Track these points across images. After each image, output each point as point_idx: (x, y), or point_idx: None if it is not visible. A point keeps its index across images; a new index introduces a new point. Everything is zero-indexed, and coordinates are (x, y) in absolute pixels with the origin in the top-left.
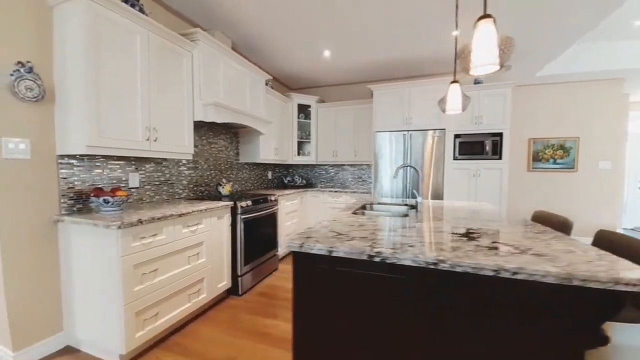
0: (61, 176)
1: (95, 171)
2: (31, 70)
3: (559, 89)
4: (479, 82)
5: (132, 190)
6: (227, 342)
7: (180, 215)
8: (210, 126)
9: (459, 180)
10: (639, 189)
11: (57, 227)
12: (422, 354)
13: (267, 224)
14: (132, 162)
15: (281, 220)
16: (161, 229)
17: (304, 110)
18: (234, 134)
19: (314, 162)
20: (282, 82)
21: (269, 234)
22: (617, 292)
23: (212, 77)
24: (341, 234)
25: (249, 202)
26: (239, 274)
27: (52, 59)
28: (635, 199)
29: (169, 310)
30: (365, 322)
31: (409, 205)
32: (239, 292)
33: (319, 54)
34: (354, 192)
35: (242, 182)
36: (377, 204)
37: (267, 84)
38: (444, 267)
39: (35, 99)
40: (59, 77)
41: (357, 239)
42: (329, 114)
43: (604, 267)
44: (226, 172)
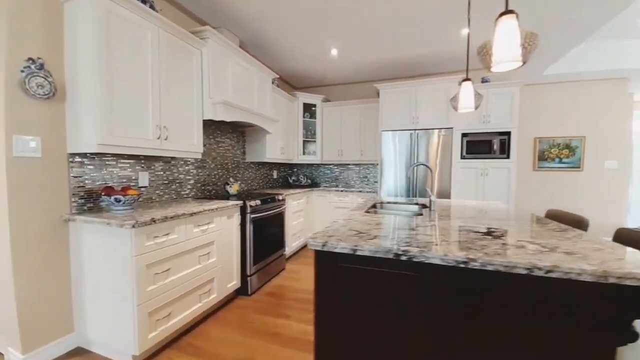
0: (72, 175)
1: (105, 170)
2: (42, 66)
3: (564, 88)
4: (486, 81)
5: (142, 189)
6: (239, 343)
7: (192, 214)
8: (217, 125)
9: (466, 179)
10: None
11: (67, 226)
12: (450, 354)
13: (275, 223)
14: (142, 161)
15: (288, 219)
16: (173, 228)
17: (309, 109)
18: (240, 133)
19: (319, 162)
20: (287, 81)
21: (276, 234)
22: None
23: (220, 76)
24: (362, 233)
25: (258, 202)
26: (248, 273)
27: (62, 56)
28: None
29: (181, 310)
30: (389, 321)
31: (420, 204)
32: (248, 292)
33: (325, 53)
34: (360, 192)
35: (248, 182)
36: (387, 203)
37: (273, 83)
38: (474, 265)
39: (46, 96)
40: (70, 74)
41: (379, 237)
42: (335, 113)
43: (637, 264)
44: (233, 172)
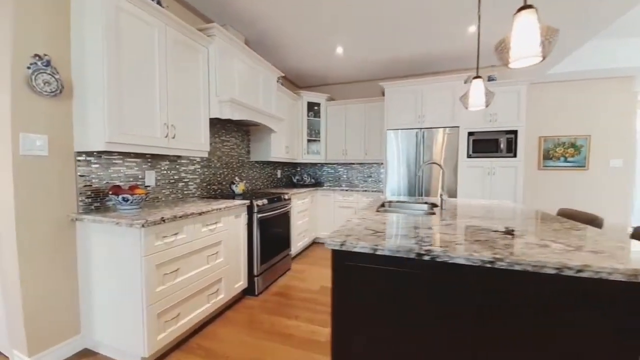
0: (79, 173)
1: (112, 169)
2: (49, 63)
3: (569, 86)
4: (493, 79)
5: (148, 188)
6: (249, 344)
7: (200, 213)
8: (222, 124)
9: (472, 178)
10: None
11: (74, 226)
12: (472, 355)
13: (281, 223)
14: (148, 159)
15: (293, 219)
16: (182, 228)
17: (312, 108)
18: (245, 131)
19: (324, 161)
20: (290, 80)
21: (282, 234)
22: None
23: (227, 74)
24: (378, 232)
25: (265, 201)
26: (255, 273)
27: (69, 53)
28: None
29: (189, 311)
30: (409, 321)
31: (429, 203)
32: (255, 293)
33: (331, 51)
34: (365, 191)
35: (253, 181)
36: (395, 202)
37: (278, 81)
38: (500, 265)
39: (53, 93)
40: (77, 71)
41: (397, 236)
42: (339, 112)
43: None
44: (238, 171)
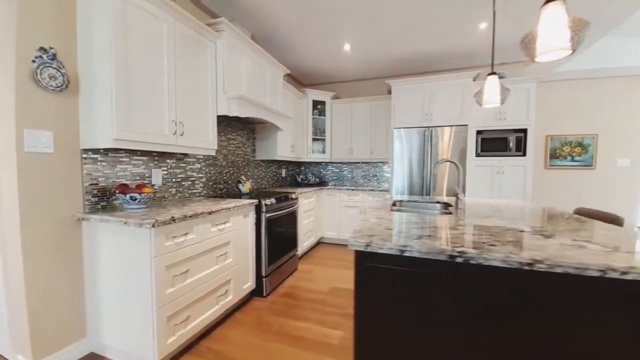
0: (85, 171)
1: (118, 167)
2: (54, 57)
3: (576, 85)
4: (502, 77)
5: (155, 187)
6: (260, 347)
7: (210, 212)
8: (228, 122)
9: (481, 177)
10: None
11: (80, 225)
12: None
13: (288, 222)
14: (155, 157)
15: (300, 218)
16: (192, 228)
17: (317, 106)
18: (250, 130)
19: (329, 160)
20: (294, 78)
21: (290, 233)
22: None
23: (235, 70)
24: (401, 232)
25: (273, 200)
26: (263, 274)
27: (75, 46)
28: None
29: (199, 313)
30: (438, 326)
31: (441, 203)
32: (263, 294)
33: (338, 48)
34: (371, 190)
35: (258, 180)
36: (406, 202)
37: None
38: (540, 267)
39: (59, 88)
40: (83, 66)
41: (423, 237)
42: (344, 110)
43: None
44: (243, 169)
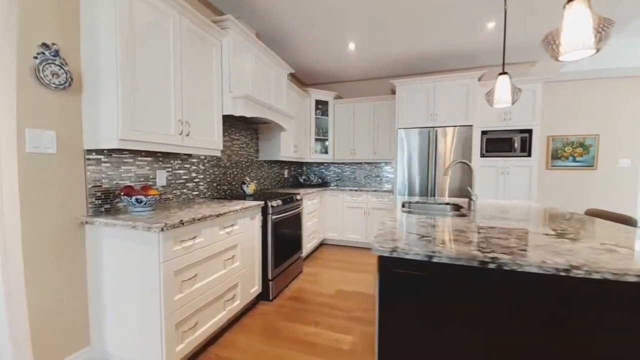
0: (88, 173)
1: (122, 168)
2: (57, 53)
3: (578, 85)
4: None
5: (159, 188)
6: (269, 353)
7: (218, 215)
8: (231, 122)
9: (486, 178)
10: None
11: (84, 229)
12: None
13: (294, 224)
14: (160, 158)
15: (304, 220)
16: (200, 231)
17: (320, 106)
18: (254, 130)
19: (331, 160)
20: (296, 77)
21: (295, 235)
22: None
23: (240, 69)
24: (425, 236)
25: (279, 202)
26: (269, 277)
27: (78, 42)
28: None
29: (207, 319)
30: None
31: (451, 204)
32: (270, 297)
33: (341, 48)
34: (375, 191)
35: (261, 181)
36: (415, 203)
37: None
38: (577, 273)
39: (61, 86)
40: (87, 63)
41: (449, 242)
42: (347, 110)
43: None
44: (247, 170)
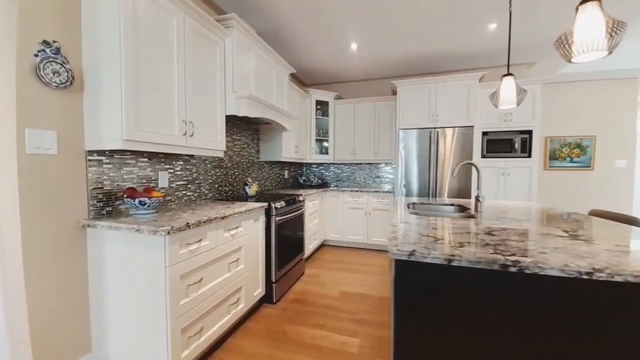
0: (89, 174)
1: (124, 169)
2: (58, 51)
3: (575, 87)
4: None
5: (162, 190)
6: (276, 357)
7: (223, 218)
8: (233, 122)
9: (487, 178)
10: None
11: (85, 232)
12: None
13: (296, 225)
14: (162, 159)
15: (306, 221)
16: (205, 234)
17: (320, 106)
18: (255, 130)
19: (332, 161)
20: (296, 77)
21: (297, 237)
22: None
23: (243, 68)
24: (439, 239)
25: (282, 203)
26: (273, 280)
27: (80, 40)
28: None
29: (212, 324)
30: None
31: (455, 205)
32: (273, 300)
33: (343, 48)
34: (376, 192)
35: (262, 182)
36: (419, 204)
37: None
38: (599, 276)
39: (63, 85)
40: (89, 61)
41: (466, 245)
42: (347, 110)
43: None
44: (248, 171)
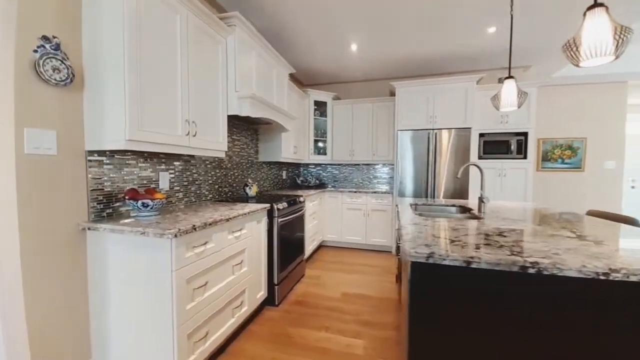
0: (90, 175)
1: (125, 170)
2: (58, 47)
3: (566, 90)
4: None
5: (162, 191)
6: None
7: (228, 219)
8: (233, 122)
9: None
10: (632, 187)
11: (85, 235)
12: None
13: (297, 227)
14: (163, 160)
15: (306, 222)
16: (210, 236)
17: (318, 107)
18: (254, 130)
19: (330, 162)
20: (295, 77)
21: (298, 238)
22: None
23: (245, 68)
24: (454, 241)
25: (285, 204)
26: (275, 282)
27: (80, 35)
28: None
29: (217, 328)
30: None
31: (457, 206)
32: (275, 302)
33: (343, 48)
34: (374, 193)
35: (260, 182)
36: (421, 205)
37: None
38: (615, 277)
39: (62, 82)
40: (89, 58)
41: (481, 246)
42: (345, 111)
43: None
44: (247, 172)
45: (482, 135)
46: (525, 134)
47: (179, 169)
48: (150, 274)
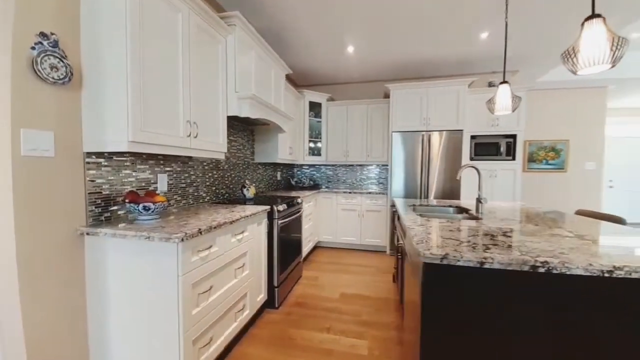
0: (88, 178)
1: (123, 172)
2: (56, 44)
3: (550, 94)
4: (493, 85)
5: (162, 194)
6: None
7: (231, 222)
8: (230, 122)
9: (475, 180)
10: (610, 187)
11: (83, 241)
12: None
13: (295, 228)
14: (161, 161)
15: (302, 223)
16: (214, 240)
17: (313, 108)
18: (250, 131)
19: (324, 162)
20: (290, 78)
21: (296, 239)
22: None
23: (245, 68)
24: (463, 242)
25: (284, 206)
26: (275, 284)
27: (78, 33)
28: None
29: (220, 332)
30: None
31: (454, 206)
32: (276, 305)
33: (340, 50)
34: (369, 193)
35: (256, 184)
36: (419, 206)
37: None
38: (618, 274)
39: (61, 81)
40: (88, 57)
41: (491, 247)
42: (340, 112)
43: None
44: (244, 173)
45: (473, 137)
46: (514, 136)
47: (176, 171)
48: (154, 279)
